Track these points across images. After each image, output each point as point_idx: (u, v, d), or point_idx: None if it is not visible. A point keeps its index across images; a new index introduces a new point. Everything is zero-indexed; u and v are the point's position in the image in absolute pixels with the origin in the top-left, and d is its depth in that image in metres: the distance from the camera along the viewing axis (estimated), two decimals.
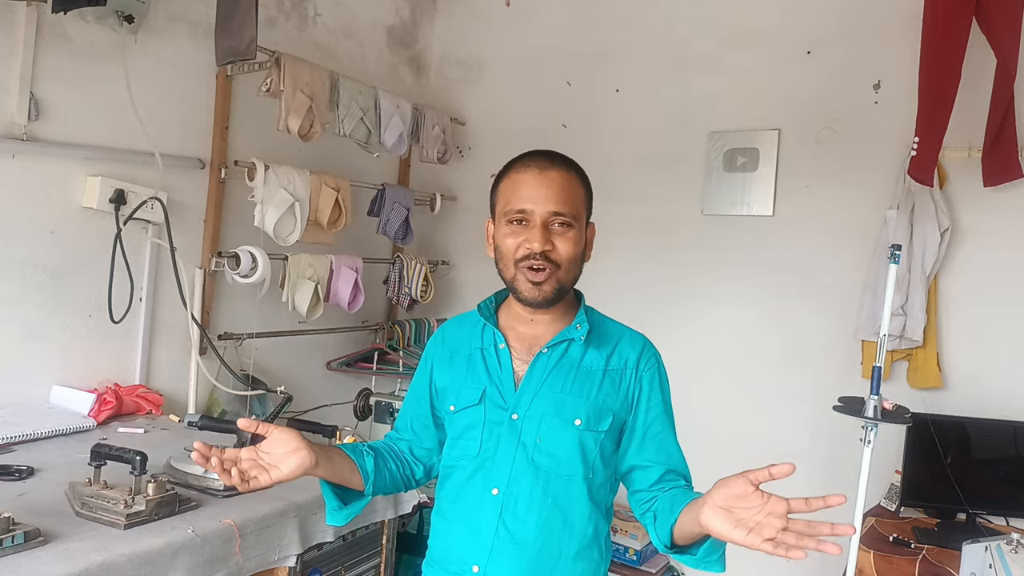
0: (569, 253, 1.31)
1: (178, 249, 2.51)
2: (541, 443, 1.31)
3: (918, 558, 2.22)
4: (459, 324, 1.47)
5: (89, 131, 2.36)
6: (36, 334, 2.29)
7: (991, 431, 2.49)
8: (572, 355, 1.36)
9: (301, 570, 1.79)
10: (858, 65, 2.86)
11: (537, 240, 1.28)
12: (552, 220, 1.30)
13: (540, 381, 1.34)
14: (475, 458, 1.34)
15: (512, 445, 1.32)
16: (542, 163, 1.33)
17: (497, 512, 1.31)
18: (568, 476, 1.32)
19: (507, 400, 1.34)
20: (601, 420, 1.33)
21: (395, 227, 3.29)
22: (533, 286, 1.30)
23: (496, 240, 1.36)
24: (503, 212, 1.33)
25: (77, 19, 2.27)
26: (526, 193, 1.31)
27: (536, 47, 3.56)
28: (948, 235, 2.64)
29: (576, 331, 1.36)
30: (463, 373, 1.39)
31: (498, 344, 1.38)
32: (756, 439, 3.00)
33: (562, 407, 1.32)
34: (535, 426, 1.32)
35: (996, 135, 2.47)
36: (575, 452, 1.32)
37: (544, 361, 1.35)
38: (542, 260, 1.29)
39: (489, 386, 1.35)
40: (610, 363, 1.37)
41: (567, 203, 1.31)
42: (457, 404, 1.38)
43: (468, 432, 1.36)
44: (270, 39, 2.78)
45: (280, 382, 2.66)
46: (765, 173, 3.03)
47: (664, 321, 3.18)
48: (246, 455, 1.21)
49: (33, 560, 1.34)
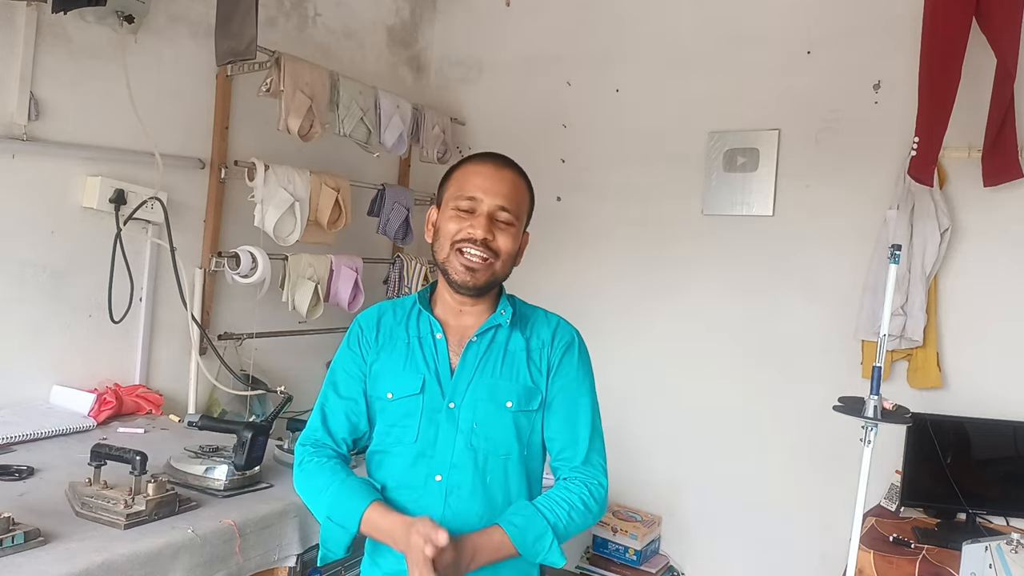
0: (508, 248, 1.37)
1: (178, 249, 2.51)
2: (478, 428, 1.36)
3: (918, 558, 2.22)
4: (392, 310, 1.48)
5: (89, 131, 2.36)
6: (36, 334, 2.29)
7: (991, 431, 2.49)
8: (499, 340, 1.41)
9: (301, 570, 1.79)
10: (858, 65, 2.86)
11: (481, 227, 1.34)
12: (498, 212, 1.36)
13: (473, 368, 1.38)
14: (413, 444, 1.37)
15: (452, 432, 1.36)
16: (497, 161, 1.41)
17: (443, 497, 1.35)
18: (505, 456, 1.37)
19: (444, 389, 1.38)
20: (531, 400, 1.40)
21: (395, 227, 3.29)
22: (466, 271, 1.35)
23: (438, 223, 1.41)
24: (452, 197, 1.39)
25: (77, 19, 2.27)
26: (479, 183, 1.37)
27: (536, 47, 3.56)
28: (948, 235, 2.64)
29: (501, 316, 1.42)
30: (401, 360, 1.40)
31: (435, 333, 1.41)
32: (756, 439, 3.01)
33: (495, 391, 1.38)
34: (471, 412, 1.36)
35: (996, 135, 2.47)
36: (510, 433, 1.38)
37: (475, 349, 1.40)
38: (482, 247, 1.34)
39: (428, 375, 1.38)
40: (531, 344, 1.43)
41: (514, 201, 1.39)
42: (396, 392, 1.39)
43: (404, 420, 1.38)
44: (270, 39, 2.78)
45: (280, 382, 2.66)
46: (765, 173, 3.03)
47: (663, 321, 3.18)
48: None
49: (33, 560, 1.34)
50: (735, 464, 3.04)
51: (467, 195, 1.37)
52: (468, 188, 1.38)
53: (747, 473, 3.04)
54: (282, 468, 2.00)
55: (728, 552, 3.07)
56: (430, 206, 1.49)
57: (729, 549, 3.06)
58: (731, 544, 3.05)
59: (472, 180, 1.38)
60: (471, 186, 1.38)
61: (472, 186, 1.37)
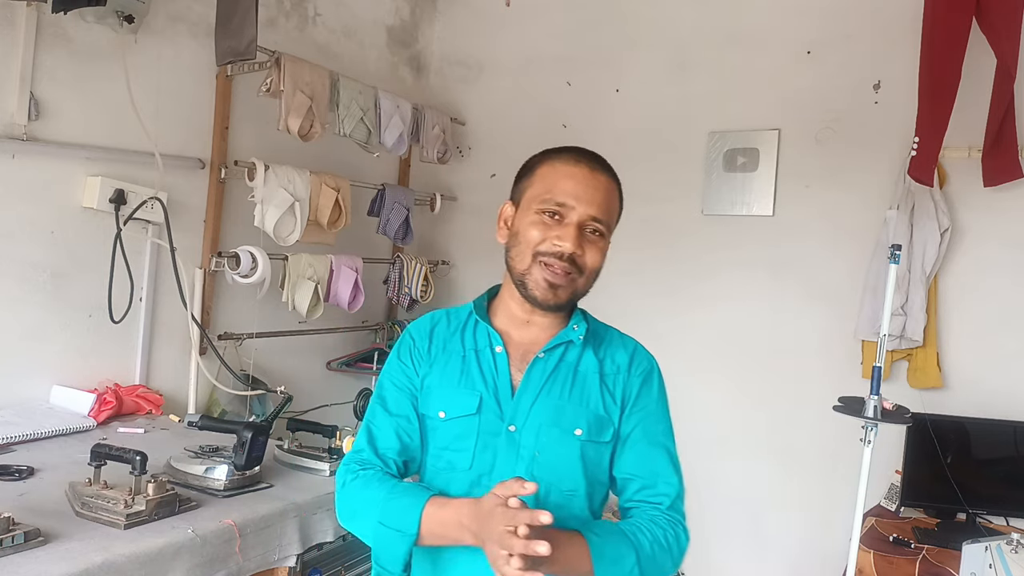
0: (595, 264, 1.24)
1: (178, 249, 2.51)
2: (540, 456, 1.21)
3: (918, 558, 2.22)
4: (447, 319, 1.33)
5: (89, 131, 2.36)
6: (36, 334, 2.29)
7: (991, 431, 2.49)
8: (569, 359, 1.27)
9: (301, 570, 1.79)
10: (858, 65, 2.86)
11: (571, 240, 1.19)
12: (589, 224, 1.22)
13: (538, 388, 1.24)
14: (467, 471, 1.22)
15: (511, 459, 1.21)
16: (593, 164, 1.25)
17: None
18: (570, 492, 1.22)
19: (504, 409, 1.23)
20: (602, 430, 1.24)
21: (395, 227, 3.29)
22: (548, 287, 1.21)
23: (518, 226, 1.24)
24: (538, 199, 1.22)
25: (77, 19, 2.27)
26: (572, 188, 1.21)
27: (536, 47, 3.56)
28: (948, 235, 2.64)
29: (573, 332, 1.28)
30: (455, 376, 1.26)
31: (494, 347, 1.27)
32: (756, 439, 3.01)
33: (561, 416, 1.23)
34: (533, 437, 1.22)
35: (996, 135, 2.47)
36: (576, 466, 1.22)
37: (541, 366, 1.25)
38: (568, 262, 1.20)
39: (485, 393, 1.24)
40: (604, 367, 1.29)
41: (608, 211, 1.24)
42: (449, 411, 1.24)
43: (458, 443, 1.23)
44: (270, 39, 2.78)
45: (280, 382, 2.66)
46: (765, 173, 3.03)
47: (664, 321, 3.18)
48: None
49: (33, 560, 1.34)
50: (735, 464, 3.04)
51: (556, 200, 1.20)
52: (558, 192, 1.21)
53: (747, 473, 3.03)
54: (282, 468, 2.01)
55: (728, 552, 3.06)
56: (504, 202, 1.31)
57: (729, 549, 3.06)
58: (731, 544, 3.05)
59: (563, 184, 1.22)
60: (561, 190, 1.21)
61: (562, 190, 1.21)
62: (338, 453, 2.06)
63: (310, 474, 1.98)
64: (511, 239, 1.26)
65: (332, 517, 1.85)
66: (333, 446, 2.09)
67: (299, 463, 2.02)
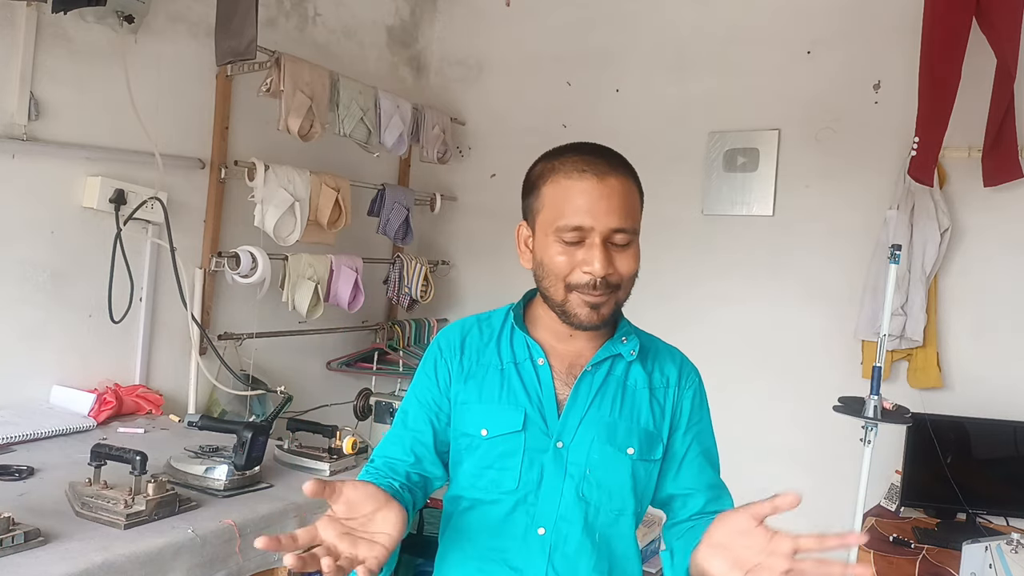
0: (630, 271, 1.14)
1: (178, 249, 2.51)
2: (591, 474, 1.15)
3: (918, 558, 2.22)
4: (479, 328, 1.25)
5: (89, 131, 2.36)
6: (36, 334, 2.29)
7: (991, 431, 2.49)
8: (617, 373, 1.20)
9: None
10: (858, 65, 2.86)
11: (599, 261, 1.09)
12: (613, 236, 1.11)
13: (586, 403, 1.17)
14: (514, 491, 1.16)
15: (559, 478, 1.15)
16: (599, 167, 1.12)
17: (545, 554, 1.15)
18: (618, 511, 1.17)
19: (550, 425, 1.16)
20: (653, 447, 1.19)
21: (395, 227, 3.29)
22: (591, 310, 1.13)
23: (540, 254, 1.16)
24: (552, 225, 1.13)
25: (77, 19, 2.27)
26: (583, 205, 1.10)
27: (536, 47, 3.56)
28: (948, 235, 2.64)
29: (622, 345, 1.21)
30: (495, 391, 1.19)
31: (535, 359, 1.19)
32: (756, 439, 3.00)
33: (613, 433, 1.17)
34: (584, 455, 1.16)
35: (996, 135, 2.47)
36: (627, 484, 1.17)
37: (589, 380, 1.18)
38: (603, 286, 1.11)
39: (530, 409, 1.17)
40: (653, 380, 1.22)
41: (629, 215, 1.12)
42: (492, 429, 1.17)
43: (502, 461, 1.16)
44: (270, 39, 2.78)
45: (280, 382, 2.66)
46: (765, 173, 3.03)
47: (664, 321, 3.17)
48: (328, 532, 0.92)
49: (33, 560, 1.34)
50: (734, 464, 3.02)
51: (572, 225, 1.10)
52: (571, 214, 1.10)
53: (747, 473, 3.02)
54: (282, 468, 2.01)
55: None
56: (518, 224, 1.23)
57: None
58: None
59: (573, 202, 1.11)
60: (574, 211, 1.10)
61: (575, 211, 1.10)
62: (338, 453, 2.07)
63: (310, 474, 1.98)
64: (536, 267, 1.17)
65: None
66: (333, 446, 2.09)
67: (299, 463, 2.02)
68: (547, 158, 1.18)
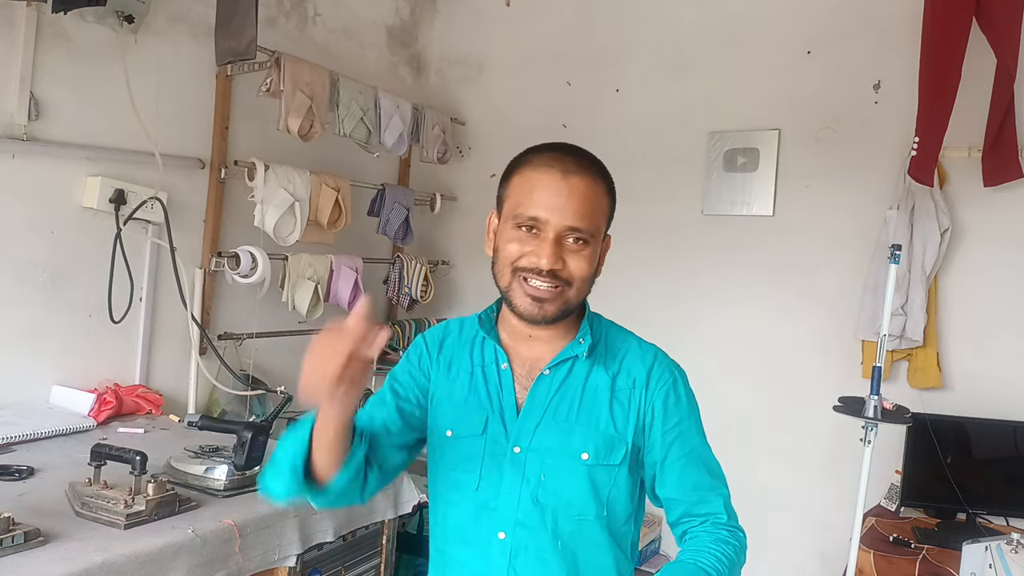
0: (582, 272, 1.14)
1: (178, 249, 2.51)
2: (546, 480, 1.15)
3: (918, 558, 2.22)
4: (460, 330, 1.28)
5: (89, 131, 2.36)
6: (36, 334, 2.29)
7: (991, 431, 2.49)
8: (577, 375, 1.19)
9: (301, 570, 1.79)
10: (858, 65, 2.86)
11: (547, 256, 1.11)
12: (567, 235, 1.12)
13: (543, 408, 1.17)
14: (474, 493, 1.17)
15: (516, 482, 1.16)
16: (566, 164, 1.14)
17: (506, 559, 1.15)
18: (579, 518, 1.16)
19: (509, 430, 1.17)
20: (612, 452, 1.17)
21: (395, 227, 3.29)
22: (533, 302, 1.13)
23: (498, 240, 1.18)
24: (513, 212, 1.14)
25: (77, 19, 2.27)
26: (542, 199, 1.12)
27: (536, 47, 3.56)
28: (948, 235, 2.64)
29: (579, 346, 1.19)
30: (463, 393, 1.21)
31: (500, 364, 1.21)
32: (756, 439, 3.00)
33: (567, 439, 1.16)
34: (538, 461, 1.16)
35: (996, 135, 2.47)
36: (585, 491, 1.16)
37: (546, 385, 1.18)
38: (548, 277, 1.12)
39: (491, 413, 1.18)
40: (617, 382, 1.20)
41: (588, 217, 1.13)
42: (456, 430, 1.19)
43: (464, 464, 1.19)
44: (270, 39, 2.78)
45: (280, 382, 2.66)
46: (765, 173, 3.03)
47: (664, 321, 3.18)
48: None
49: (33, 560, 1.34)
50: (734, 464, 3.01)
51: (529, 214, 1.12)
52: (529, 204, 1.12)
53: (747, 473, 3.02)
54: None
55: None
56: (490, 211, 1.23)
57: None
58: None
59: (535, 195, 1.12)
60: (532, 202, 1.12)
61: (534, 202, 1.12)
62: None
63: None
64: (494, 254, 1.19)
65: (332, 517, 1.86)
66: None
67: None
68: (524, 153, 1.20)
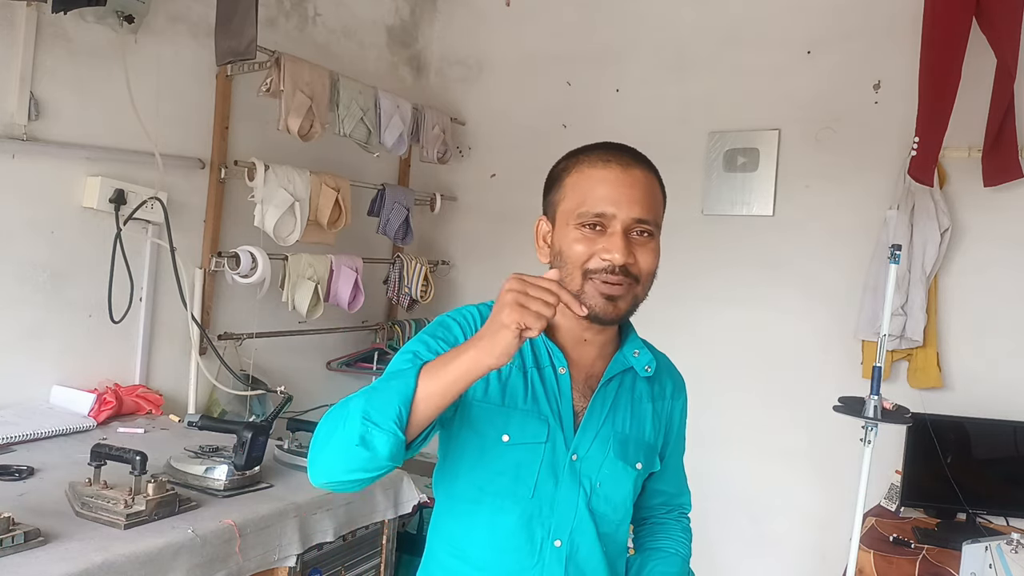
0: (649, 267, 1.13)
1: (178, 249, 2.51)
2: (600, 488, 1.16)
3: (918, 558, 2.22)
4: None
5: (89, 131, 2.36)
6: (36, 334, 2.29)
7: (991, 431, 2.49)
8: (626, 385, 1.21)
9: (301, 570, 1.79)
10: (858, 65, 2.86)
11: (619, 250, 1.08)
12: (634, 227, 1.11)
13: (601, 418, 1.17)
14: (529, 500, 1.13)
15: (573, 490, 1.14)
16: (624, 159, 1.14)
17: (562, 566, 1.13)
18: (619, 522, 1.20)
19: (568, 437, 1.15)
20: (654, 459, 1.22)
21: (395, 227, 3.28)
22: (607, 301, 1.09)
23: (559, 244, 1.13)
24: (573, 212, 1.11)
25: (77, 19, 2.27)
26: (606, 193, 1.10)
27: (536, 47, 3.56)
28: (948, 235, 2.64)
29: (635, 359, 1.20)
30: (519, 394, 1.14)
31: (557, 367, 1.16)
32: (756, 439, 3.01)
33: (624, 448, 1.18)
34: (595, 469, 1.15)
35: (996, 135, 2.47)
36: (629, 498, 1.20)
37: (603, 394, 1.18)
38: (620, 273, 1.09)
39: (552, 420, 1.14)
40: (654, 391, 1.24)
41: (651, 208, 1.13)
42: (514, 436, 1.12)
43: (518, 470, 1.13)
44: (270, 39, 2.78)
45: (280, 382, 2.66)
46: (765, 173, 3.03)
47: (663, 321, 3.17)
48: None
49: (33, 560, 1.34)
50: (734, 464, 3.04)
51: (594, 211, 1.10)
52: (593, 201, 1.10)
53: (747, 473, 3.03)
54: (282, 468, 2.01)
55: (728, 552, 3.06)
56: (537, 218, 1.21)
57: (729, 549, 3.06)
58: (731, 544, 3.05)
59: (597, 190, 1.11)
60: (597, 198, 1.10)
61: (598, 198, 1.10)
62: None
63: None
64: (554, 259, 1.14)
65: (332, 517, 1.86)
66: None
67: (299, 463, 2.02)
68: (572, 154, 1.19)
